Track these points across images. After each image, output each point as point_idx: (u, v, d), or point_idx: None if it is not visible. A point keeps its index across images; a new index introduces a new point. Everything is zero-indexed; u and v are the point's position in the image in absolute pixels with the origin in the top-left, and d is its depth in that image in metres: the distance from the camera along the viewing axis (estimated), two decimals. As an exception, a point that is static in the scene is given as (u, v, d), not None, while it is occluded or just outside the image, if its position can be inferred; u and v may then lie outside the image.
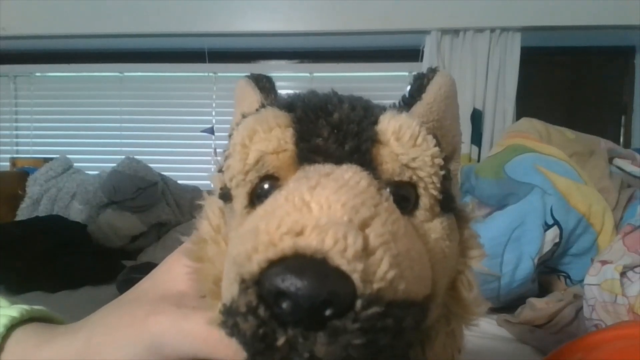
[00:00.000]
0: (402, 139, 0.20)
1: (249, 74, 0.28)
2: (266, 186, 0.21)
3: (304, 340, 0.15)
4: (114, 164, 1.51)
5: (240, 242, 0.18)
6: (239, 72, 1.98)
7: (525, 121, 1.10)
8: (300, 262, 0.15)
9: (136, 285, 0.28)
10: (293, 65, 1.97)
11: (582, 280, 0.70)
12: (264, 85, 0.27)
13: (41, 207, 1.49)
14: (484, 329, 0.78)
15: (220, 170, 0.23)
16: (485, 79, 1.62)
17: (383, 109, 0.23)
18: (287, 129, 0.21)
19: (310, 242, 0.16)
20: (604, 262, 0.67)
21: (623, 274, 0.63)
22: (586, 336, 0.38)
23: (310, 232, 0.16)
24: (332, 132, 0.20)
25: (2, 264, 0.98)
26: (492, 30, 1.61)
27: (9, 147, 2.05)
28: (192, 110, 2.02)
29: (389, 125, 0.21)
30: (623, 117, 1.84)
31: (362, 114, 0.21)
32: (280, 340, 0.16)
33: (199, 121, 1.97)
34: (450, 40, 1.65)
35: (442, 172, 0.21)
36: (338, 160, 0.20)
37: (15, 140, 2.07)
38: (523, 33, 1.61)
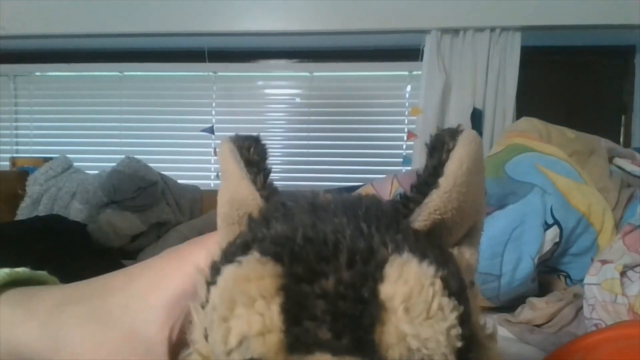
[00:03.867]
0: (411, 311, 0.17)
1: (233, 135, 0.23)
2: None
3: None
4: (114, 164, 1.51)
5: None
6: (238, 71, 1.98)
7: (525, 120, 1.10)
8: None
9: None
10: (293, 64, 1.97)
11: (582, 280, 0.70)
12: (250, 157, 0.22)
13: (41, 206, 1.49)
14: (484, 329, 0.78)
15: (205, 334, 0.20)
16: (485, 79, 1.62)
17: (394, 244, 0.19)
18: (273, 300, 0.17)
19: None
20: (604, 262, 0.67)
21: (623, 274, 0.63)
22: (586, 336, 0.37)
23: None
24: (326, 312, 0.17)
25: (2, 264, 0.98)
26: (492, 29, 1.61)
27: (9, 147, 2.05)
28: (192, 110, 2.02)
29: (396, 288, 0.17)
30: (623, 117, 1.84)
31: (362, 271, 0.18)
32: None
33: (199, 121, 1.96)
34: (450, 39, 1.65)
35: (459, 344, 0.17)
36: (335, 352, 0.17)
37: (15, 139, 2.07)
38: (523, 33, 1.61)
